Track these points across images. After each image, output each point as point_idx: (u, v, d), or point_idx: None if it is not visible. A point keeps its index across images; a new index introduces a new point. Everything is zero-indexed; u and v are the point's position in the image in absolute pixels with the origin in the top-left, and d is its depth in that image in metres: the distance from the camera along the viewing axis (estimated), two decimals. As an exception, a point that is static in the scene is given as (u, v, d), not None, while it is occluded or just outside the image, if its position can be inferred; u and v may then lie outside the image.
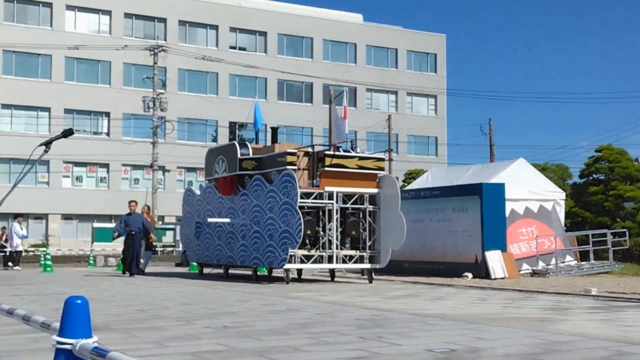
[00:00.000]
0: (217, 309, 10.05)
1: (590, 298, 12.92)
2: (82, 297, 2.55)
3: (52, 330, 2.72)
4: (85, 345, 2.47)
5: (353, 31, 61.08)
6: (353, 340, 6.78)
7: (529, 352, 6.06)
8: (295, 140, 51.88)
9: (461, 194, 20.58)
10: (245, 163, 18.14)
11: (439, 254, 20.96)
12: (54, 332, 2.63)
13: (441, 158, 61.56)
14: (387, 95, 62.07)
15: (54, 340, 2.55)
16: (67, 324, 2.54)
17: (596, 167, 29.52)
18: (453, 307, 10.87)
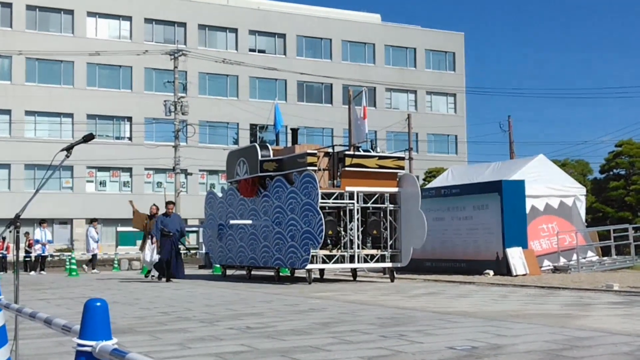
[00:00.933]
0: (240, 310, 10.16)
1: (612, 293, 12.89)
2: (102, 299, 2.63)
3: (72, 333, 2.81)
4: (105, 347, 2.55)
5: (371, 31, 61.08)
6: (375, 339, 6.85)
7: (551, 348, 6.09)
8: (316, 141, 51.96)
9: (481, 191, 20.56)
10: (266, 165, 18.25)
11: (460, 252, 20.96)
12: (74, 334, 2.72)
13: (461, 156, 61.37)
14: (407, 94, 61.99)
15: (75, 342, 2.63)
16: (87, 327, 2.61)
17: (616, 162, 29.34)
18: (474, 304, 10.90)
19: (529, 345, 6.25)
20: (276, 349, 6.27)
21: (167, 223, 18.83)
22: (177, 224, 19.02)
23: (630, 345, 6.21)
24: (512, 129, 49.88)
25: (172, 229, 18.73)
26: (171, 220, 18.96)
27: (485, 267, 19.62)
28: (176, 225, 18.93)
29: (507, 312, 9.44)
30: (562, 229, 21.46)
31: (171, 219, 19.01)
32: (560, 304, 10.68)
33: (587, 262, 21.50)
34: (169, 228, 18.72)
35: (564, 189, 22.26)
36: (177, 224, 19.01)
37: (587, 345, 6.23)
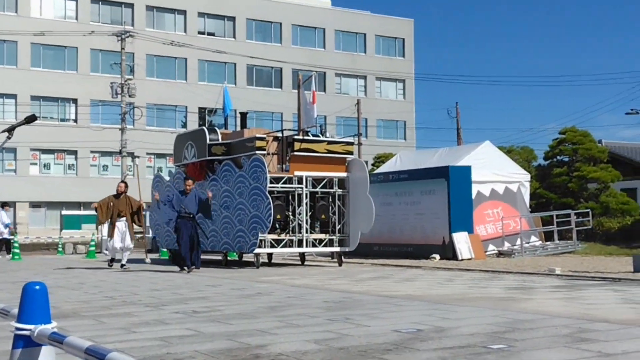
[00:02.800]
0: (186, 295, 10.10)
1: (554, 277, 13.18)
2: (41, 282, 2.58)
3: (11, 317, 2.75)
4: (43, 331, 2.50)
5: (322, 16, 60.97)
6: (321, 322, 6.88)
7: (494, 330, 6.20)
8: (265, 125, 51.77)
9: (429, 176, 20.79)
10: (214, 148, 18.14)
11: (407, 236, 21.18)
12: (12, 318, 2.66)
13: (410, 142, 61.85)
14: (356, 79, 62.14)
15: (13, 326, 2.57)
16: (25, 310, 2.56)
17: (560, 149, 29.88)
18: (420, 288, 11.03)
19: (472, 328, 6.35)
20: (222, 333, 6.25)
21: (186, 203, 15.80)
22: (196, 204, 16.00)
23: (570, 327, 6.35)
24: (459, 116, 50.54)
25: (192, 210, 15.87)
26: (189, 199, 15.92)
27: (432, 252, 19.87)
28: (195, 204, 15.98)
29: (452, 296, 9.58)
30: (507, 214, 21.85)
31: (189, 197, 15.94)
32: (504, 288, 10.88)
33: (530, 247, 21.95)
34: (189, 208, 15.83)
35: (509, 175, 22.64)
36: (196, 203, 16.00)
37: (528, 328, 6.36)
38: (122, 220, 16.84)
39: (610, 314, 7.43)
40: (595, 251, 22.79)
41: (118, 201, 16.94)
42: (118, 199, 16.99)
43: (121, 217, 16.82)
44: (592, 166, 29.05)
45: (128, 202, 17.00)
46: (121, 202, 16.94)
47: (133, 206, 17.04)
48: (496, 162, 22.54)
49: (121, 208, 16.84)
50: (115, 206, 16.84)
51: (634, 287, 10.98)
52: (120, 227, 16.81)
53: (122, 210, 16.82)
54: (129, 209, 16.91)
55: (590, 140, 30.08)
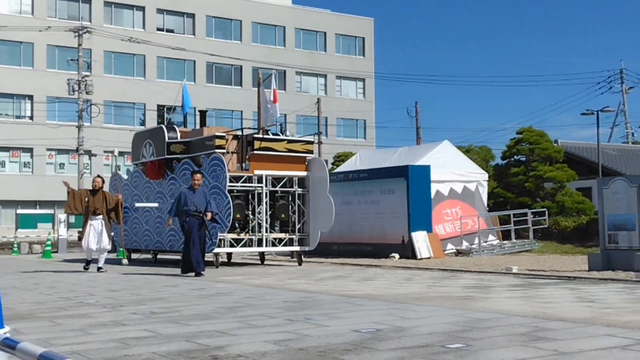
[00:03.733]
0: (144, 295, 9.99)
1: (511, 276, 13.34)
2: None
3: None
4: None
5: (282, 14, 60.85)
6: (281, 322, 6.86)
7: (452, 329, 6.24)
8: (225, 123, 51.48)
9: (388, 176, 20.90)
10: (173, 147, 18.00)
11: (367, 236, 21.26)
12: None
13: (370, 141, 62.08)
14: (317, 78, 62.15)
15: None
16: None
17: (517, 149, 30.25)
18: (380, 287, 11.07)
19: (431, 327, 6.38)
20: (181, 334, 6.19)
21: (195, 200, 14.22)
22: (205, 201, 14.33)
23: (526, 326, 6.42)
24: (419, 115, 50.85)
25: (201, 206, 14.20)
26: (197, 195, 14.28)
27: (391, 251, 19.97)
28: (204, 201, 14.29)
29: (411, 295, 9.63)
30: (465, 214, 22.06)
31: (197, 193, 14.31)
32: (462, 287, 10.97)
33: (488, 246, 22.19)
34: (198, 206, 14.19)
35: (467, 174, 22.86)
36: (205, 200, 14.33)
37: (486, 327, 6.41)
38: (98, 219, 15.27)
39: (566, 312, 7.53)
40: (551, 250, 23.13)
41: (94, 198, 15.35)
42: (94, 195, 15.41)
43: (97, 215, 15.26)
44: (549, 166, 29.46)
45: (105, 199, 15.49)
46: (97, 199, 15.36)
47: (110, 203, 15.52)
48: (455, 161, 22.75)
49: (97, 205, 15.27)
50: (91, 203, 15.26)
51: (588, 285, 11.16)
52: (96, 226, 15.26)
53: (99, 207, 15.27)
54: (105, 206, 15.41)
55: (546, 140, 30.50)
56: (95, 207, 15.28)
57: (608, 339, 5.70)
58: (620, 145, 52.07)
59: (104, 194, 15.63)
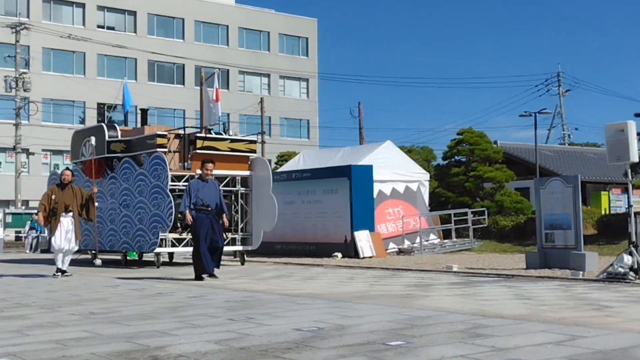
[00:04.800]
0: (83, 296, 9.83)
1: (452, 274, 13.53)
2: None
3: None
4: None
5: (225, 13, 60.53)
6: (222, 322, 6.84)
7: (393, 327, 6.31)
8: (167, 122, 50.93)
9: (331, 175, 20.99)
10: (113, 145, 17.75)
11: (310, 235, 21.32)
12: None
13: (313, 140, 62.23)
14: (260, 78, 62.02)
15: None
16: None
17: (458, 150, 30.70)
18: (322, 286, 11.11)
19: (372, 325, 6.44)
20: (121, 334, 6.12)
21: (205, 192, 12.53)
22: (217, 195, 12.77)
23: (465, 323, 6.53)
24: (362, 115, 51.15)
25: (211, 202, 12.56)
26: (208, 188, 12.66)
27: (334, 250, 20.06)
28: (215, 196, 12.72)
29: (353, 294, 9.69)
30: (407, 213, 22.30)
31: (209, 186, 12.70)
32: (404, 285, 11.08)
33: (429, 245, 22.47)
34: (207, 200, 12.49)
35: (409, 174, 23.11)
36: (216, 194, 12.76)
37: (426, 324, 6.50)
38: (69, 216, 13.75)
39: (504, 309, 7.68)
40: (490, 248, 23.53)
41: (63, 193, 13.79)
42: (63, 190, 13.86)
43: (68, 212, 13.75)
44: (488, 166, 29.97)
45: (75, 194, 13.93)
46: (67, 194, 13.81)
47: (81, 198, 14.01)
48: (397, 161, 22.97)
49: (67, 201, 13.75)
50: (60, 198, 13.72)
51: (526, 283, 11.39)
52: (65, 223, 13.69)
53: (69, 203, 13.76)
54: (76, 202, 13.85)
55: (486, 141, 31.03)
56: (66, 203, 13.72)
57: (543, 335, 5.84)
58: (557, 146, 53.30)
59: (74, 189, 14.08)
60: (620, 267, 11.49)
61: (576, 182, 14.14)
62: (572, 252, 13.64)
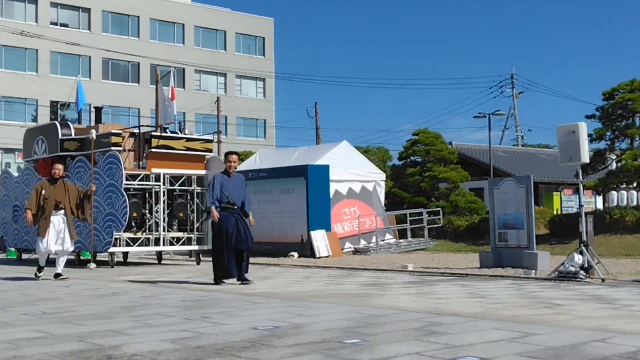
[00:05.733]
0: (36, 295, 9.68)
1: (407, 273, 13.65)
2: None
3: None
4: None
5: (181, 11, 60.06)
6: (178, 321, 6.80)
7: (349, 326, 6.35)
8: (122, 121, 50.42)
9: (288, 175, 21.00)
10: (67, 144, 17.53)
11: (266, 235, 21.27)
12: None
13: (269, 140, 62.11)
14: (216, 77, 61.69)
15: None
16: None
17: (414, 150, 30.95)
18: (278, 285, 11.12)
19: (328, 324, 6.47)
20: (74, 334, 6.05)
21: (231, 188, 11.26)
22: (243, 191, 11.52)
23: (420, 321, 6.60)
24: (318, 115, 51.26)
25: (237, 199, 11.29)
26: (234, 183, 11.38)
27: (291, 249, 20.07)
28: (242, 193, 11.47)
29: (309, 293, 9.72)
30: (363, 213, 22.41)
31: (234, 180, 11.42)
32: (359, 284, 11.15)
33: (385, 244, 22.62)
34: (233, 196, 11.21)
35: (365, 174, 23.23)
36: (242, 190, 11.52)
37: (381, 322, 6.55)
38: (60, 214, 12.50)
39: (458, 307, 7.78)
40: (445, 248, 23.78)
41: (54, 188, 12.52)
42: (54, 185, 12.59)
43: (59, 210, 12.50)
44: (443, 167, 30.27)
45: (68, 190, 12.69)
46: (58, 190, 12.54)
47: (76, 194, 12.77)
48: (353, 161, 23.08)
49: (58, 197, 12.49)
50: (51, 195, 12.43)
51: (479, 282, 11.55)
52: (56, 222, 12.45)
53: (60, 200, 12.50)
54: (69, 199, 12.60)
55: (441, 142, 31.34)
56: (57, 200, 12.43)
57: (496, 332, 5.93)
58: (511, 147, 54.08)
59: (66, 185, 12.78)
60: (571, 266, 11.73)
61: (529, 183, 14.38)
62: (525, 251, 13.87)
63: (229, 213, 11.08)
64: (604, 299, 8.59)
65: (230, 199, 11.09)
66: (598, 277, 11.46)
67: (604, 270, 12.00)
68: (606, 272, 12.07)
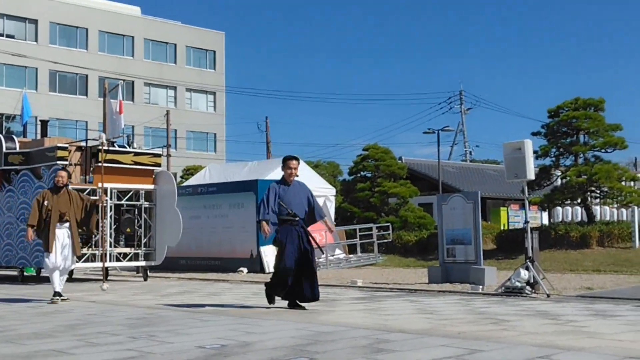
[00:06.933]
0: (-24, 314, 9.42)
1: (356, 289, 13.67)
2: None
3: None
4: None
5: (131, 23, 59.51)
6: (123, 340, 6.68)
7: (297, 343, 6.31)
8: (69, 134, 49.59)
9: (237, 190, 20.89)
10: (11, 157, 17.16)
11: (215, 250, 21.13)
12: None
13: (220, 154, 61.79)
14: (166, 90, 61.20)
15: None
16: None
17: (363, 165, 31.11)
18: (226, 302, 11.02)
19: (276, 342, 6.43)
20: (16, 354, 5.90)
21: (290, 198, 9.95)
22: (306, 199, 10.15)
23: (368, 338, 6.60)
24: (269, 130, 51.23)
25: (298, 209, 9.98)
26: (294, 191, 10.07)
27: (240, 265, 19.94)
28: (304, 202, 10.10)
29: (257, 310, 9.65)
30: (313, 228, 22.31)
31: (294, 189, 10.10)
32: (308, 300, 11.09)
33: (335, 260, 22.62)
34: (293, 207, 9.92)
35: (316, 189, 23.12)
36: (304, 198, 10.14)
37: (330, 340, 6.53)
38: (65, 227, 11.21)
39: (406, 324, 7.81)
40: (394, 263, 23.89)
41: (57, 198, 11.21)
42: (57, 194, 11.27)
43: (64, 222, 11.21)
44: (393, 182, 30.47)
45: (72, 199, 11.36)
46: (62, 200, 11.22)
47: (79, 205, 11.41)
48: (303, 176, 22.99)
49: (63, 208, 11.18)
50: (55, 205, 11.15)
51: (427, 297, 11.63)
52: (61, 236, 11.17)
53: (65, 211, 11.19)
54: (74, 210, 11.29)
55: (391, 157, 31.56)
56: (61, 211, 11.16)
57: (443, 349, 5.96)
58: (459, 163, 54.74)
59: (71, 194, 11.42)
60: (517, 281, 11.89)
61: (476, 199, 14.55)
62: (472, 266, 14.01)
63: (290, 226, 9.77)
64: (549, 315, 8.71)
65: (290, 210, 9.75)
66: (543, 292, 11.63)
67: (549, 286, 12.19)
68: (551, 287, 12.27)
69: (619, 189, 23.54)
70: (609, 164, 24.12)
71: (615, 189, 23.53)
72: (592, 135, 24.21)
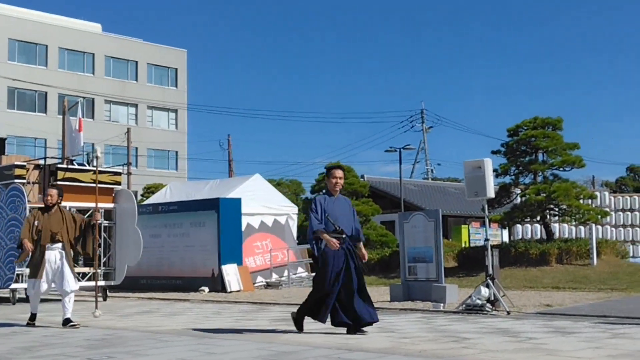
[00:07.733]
0: None
1: (319, 308, 13.60)
2: None
3: None
4: None
5: (91, 41, 59.06)
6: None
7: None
8: (27, 152, 48.91)
9: (199, 208, 20.76)
10: (-33, 176, 16.83)
11: (176, 269, 20.94)
12: None
13: (181, 172, 61.43)
14: (127, 107, 60.76)
15: None
16: None
17: (325, 183, 31.16)
18: (187, 322, 10.92)
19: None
20: (-32, 378, 5.77)
21: (337, 212, 9.05)
22: (351, 216, 9.23)
23: (330, 357, 6.59)
24: (231, 148, 51.11)
25: (346, 226, 9.03)
26: (340, 206, 9.17)
27: (201, 284, 19.78)
28: (350, 218, 9.19)
29: (218, 329, 9.57)
30: (276, 246, 22.34)
31: (339, 203, 9.21)
32: (270, 320, 11.06)
33: (297, 278, 22.56)
34: (340, 223, 8.97)
35: (278, 207, 23.20)
36: (350, 214, 9.22)
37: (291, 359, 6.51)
38: (56, 248, 10.52)
39: (368, 343, 7.81)
40: (357, 281, 23.85)
41: (48, 217, 10.56)
42: (48, 213, 10.62)
43: (55, 243, 10.53)
44: (355, 200, 30.54)
45: (65, 219, 10.67)
46: (53, 219, 10.56)
47: (73, 225, 10.72)
48: (266, 194, 23.02)
49: (54, 228, 10.52)
50: (45, 225, 10.49)
51: (389, 315, 11.64)
52: (52, 258, 10.47)
53: (57, 231, 10.53)
54: (66, 230, 10.62)
55: (353, 175, 31.65)
56: (52, 231, 10.48)
57: (405, 367, 5.97)
58: (421, 181, 55.16)
59: (63, 213, 10.74)
60: (478, 299, 11.97)
61: (437, 217, 14.65)
62: (434, 284, 14.08)
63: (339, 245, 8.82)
64: (509, 332, 8.78)
65: (337, 226, 8.83)
66: (504, 309, 11.73)
67: (510, 303, 12.30)
68: (511, 304, 12.38)
69: (577, 206, 23.85)
70: (567, 182, 24.47)
71: (574, 207, 23.84)
72: (551, 154, 24.54)
